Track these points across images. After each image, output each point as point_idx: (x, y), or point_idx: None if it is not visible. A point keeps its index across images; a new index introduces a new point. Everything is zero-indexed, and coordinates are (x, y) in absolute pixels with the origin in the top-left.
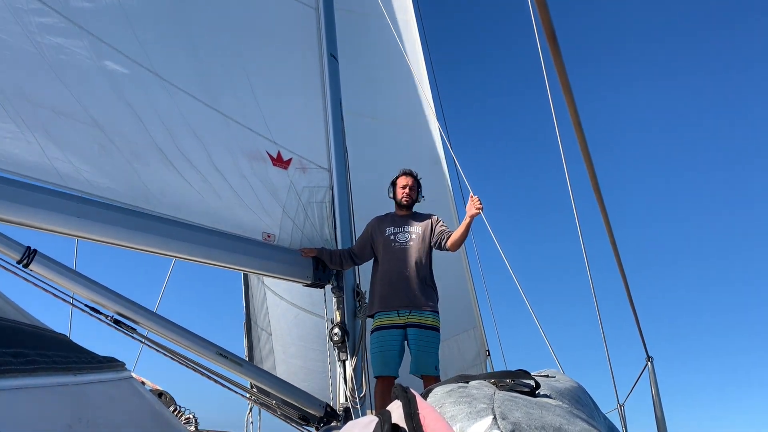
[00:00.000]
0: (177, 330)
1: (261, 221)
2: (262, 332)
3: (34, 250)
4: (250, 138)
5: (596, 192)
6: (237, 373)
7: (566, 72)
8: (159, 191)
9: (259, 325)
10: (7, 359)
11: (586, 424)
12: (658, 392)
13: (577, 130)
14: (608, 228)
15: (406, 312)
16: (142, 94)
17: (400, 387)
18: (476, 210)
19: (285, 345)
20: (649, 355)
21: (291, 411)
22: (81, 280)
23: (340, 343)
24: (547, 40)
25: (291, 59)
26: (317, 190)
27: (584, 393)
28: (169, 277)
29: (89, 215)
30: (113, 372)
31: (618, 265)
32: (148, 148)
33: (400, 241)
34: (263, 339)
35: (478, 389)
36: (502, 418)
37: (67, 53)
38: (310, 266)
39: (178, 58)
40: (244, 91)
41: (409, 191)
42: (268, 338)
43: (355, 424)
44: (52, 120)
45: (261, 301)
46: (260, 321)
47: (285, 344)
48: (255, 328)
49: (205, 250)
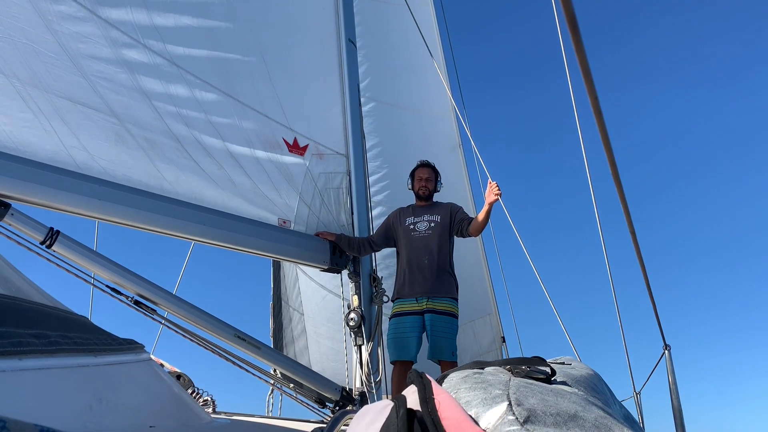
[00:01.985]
0: (196, 312)
1: (277, 207)
2: (294, 312)
3: (57, 231)
4: (266, 125)
5: (615, 177)
6: (254, 355)
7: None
8: (174, 179)
9: (291, 305)
10: (30, 340)
11: (602, 411)
12: (675, 381)
13: (597, 116)
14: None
15: (424, 299)
16: (158, 82)
17: (415, 372)
18: (495, 196)
19: (316, 325)
20: (666, 343)
21: (307, 394)
22: (102, 261)
23: (356, 328)
24: (569, 28)
25: (309, 46)
26: (334, 176)
27: (600, 381)
28: (188, 260)
29: (110, 197)
30: (133, 354)
31: (636, 252)
32: (164, 135)
33: (419, 230)
34: (295, 319)
35: (493, 375)
36: (517, 404)
37: (85, 42)
38: (327, 251)
39: (195, 45)
40: (261, 78)
41: (426, 182)
42: (300, 318)
43: (370, 408)
44: (69, 109)
45: (293, 281)
46: (292, 301)
47: (316, 324)
48: (286, 308)
49: (223, 233)
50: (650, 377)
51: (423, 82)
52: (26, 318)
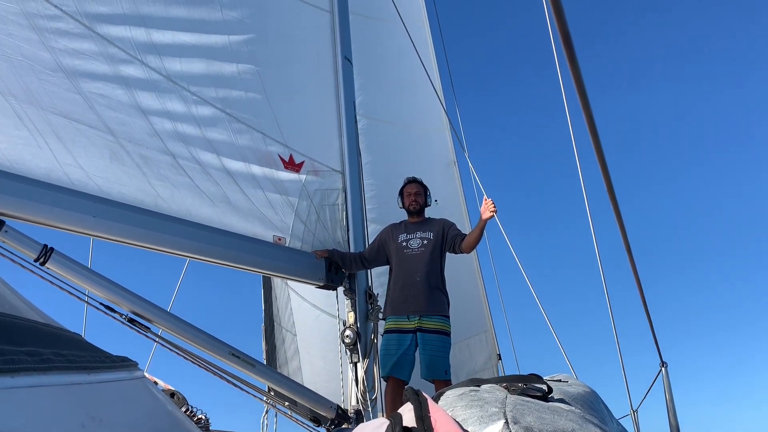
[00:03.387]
0: (190, 329)
1: (272, 224)
2: (287, 333)
3: (51, 249)
4: (262, 141)
5: (611, 196)
6: (249, 373)
7: (581, 75)
8: (169, 195)
9: (284, 326)
10: (22, 357)
11: (599, 429)
12: (672, 398)
13: (591, 134)
14: (623, 232)
15: (416, 317)
16: (154, 98)
17: (411, 390)
18: (490, 213)
19: (309, 346)
20: (663, 360)
21: (302, 412)
22: (96, 279)
23: (351, 346)
24: (562, 41)
25: (305, 63)
26: (330, 192)
27: (597, 398)
28: (183, 277)
29: (105, 215)
30: (126, 371)
31: (632, 269)
32: (159, 152)
33: (412, 247)
34: (288, 340)
35: (489, 393)
36: (513, 422)
37: (82, 58)
38: (322, 268)
39: (192, 62)
40: (257, 94)
41: (415, 197)
42: (293, 339)
43: (366, 426)
44: (65, 125)
45: (285, 302)
46: (284, 322)
47: (308, 345)
48: (279, 330)
49: (218, 250)
50: (647, 394)
51: (418, 99)
52: (18, 335)
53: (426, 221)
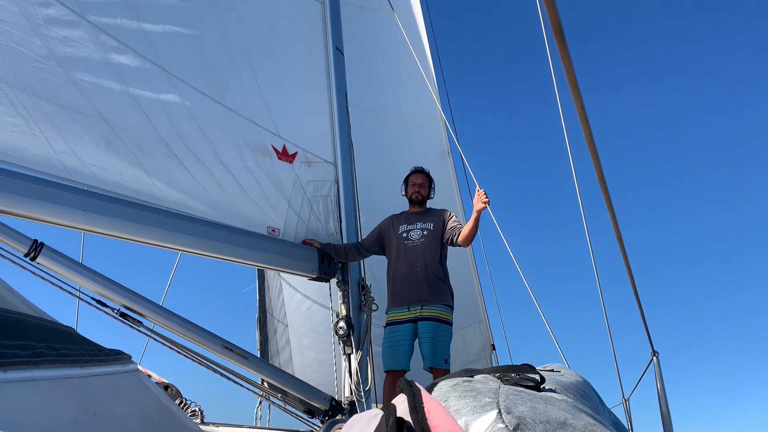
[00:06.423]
0: (183, 323)
1: (266, 215)
2: (278, 324)
3: (41, 244)
4: (255, 132)
5: (602, 186)
6: (242, 366)
7: (573, 67)
8: (164, 185)
9: (275, 317)
10: (15, 351)
11: (591, 418)
12: (663, 387)
13: (583, 125)
14: (614, 221)
15: (417, 307)
16: (148, 87)
17: (404, 381)
18: (483, 204)
19: (299, 336)
20: (654, 350)
21: (296, 404)
22: (88, 273)
23: (345, 337)
24: (555, 34)
25: (297, 53)
26: (322, 184)
27: (589, 388)
28: (175, 270)
29: (96, 208)
30: (120, 365)
31: (624, 258)
32: (154, 141)
33: (412, 238)
34: (279, 331)
35: (482, 383)
36: (507, 412)
37: (74, 46)
38: (315, 260)
39: (184, 52)
40: (249, 85)
41: (419, 188)
42: (285, 330)
43: (359, 418)
44: (59, 113)
45: (277, 293)
46: (276, 313)
47: (299, 336)
48: (271, 320)
49: (210, 243)
50: (639, 383)
51: (410, 90)
52: (11, 329)
53: (427, 211)
